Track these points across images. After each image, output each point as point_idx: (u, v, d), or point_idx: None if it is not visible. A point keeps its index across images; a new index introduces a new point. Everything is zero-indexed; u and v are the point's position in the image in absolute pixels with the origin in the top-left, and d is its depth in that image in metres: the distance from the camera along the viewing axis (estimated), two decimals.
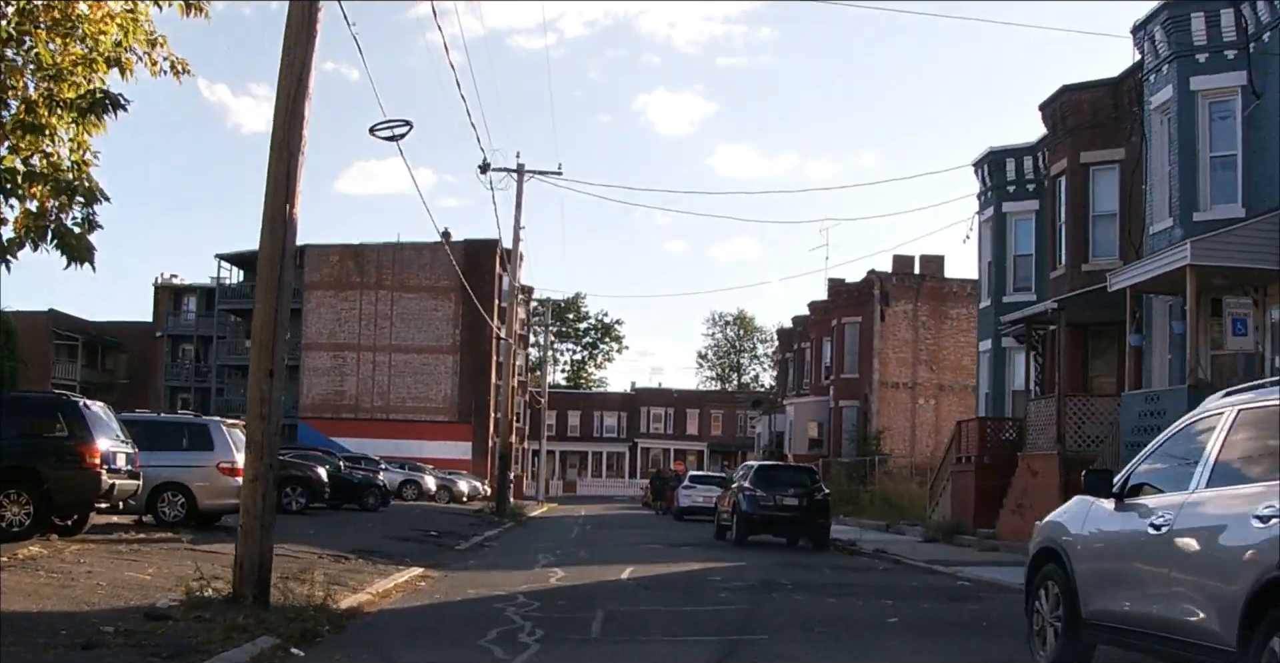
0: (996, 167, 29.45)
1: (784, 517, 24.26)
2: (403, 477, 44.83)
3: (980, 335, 30.04)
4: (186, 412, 21.47)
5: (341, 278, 64.73)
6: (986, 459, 25.65)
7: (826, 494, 24.96)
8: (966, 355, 45.32)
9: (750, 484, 24.43)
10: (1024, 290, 28.62)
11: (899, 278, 45.44)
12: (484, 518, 33.92)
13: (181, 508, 19.38)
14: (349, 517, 27.56)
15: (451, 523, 29.75)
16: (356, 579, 14.15)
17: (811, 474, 25.41)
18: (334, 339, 64.26)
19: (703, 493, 40.06)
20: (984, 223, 30.16)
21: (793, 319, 57.28)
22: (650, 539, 26.69)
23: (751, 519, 24.13)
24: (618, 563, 18.62)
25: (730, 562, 19.68)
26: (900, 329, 45.13)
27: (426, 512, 34.34)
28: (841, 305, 47.26)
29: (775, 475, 25.11)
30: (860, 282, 46.24)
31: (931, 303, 45.31)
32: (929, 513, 29.39)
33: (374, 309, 64.19)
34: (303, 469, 26.83)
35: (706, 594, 14.23)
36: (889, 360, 44.93)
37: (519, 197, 37.01)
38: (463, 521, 31.34)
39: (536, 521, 38.55)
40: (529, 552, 21.07)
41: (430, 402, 63.77)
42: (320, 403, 64.08)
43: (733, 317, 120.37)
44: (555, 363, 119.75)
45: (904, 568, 19.64)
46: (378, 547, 19.31)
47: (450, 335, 63.88)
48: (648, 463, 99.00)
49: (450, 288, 62.20)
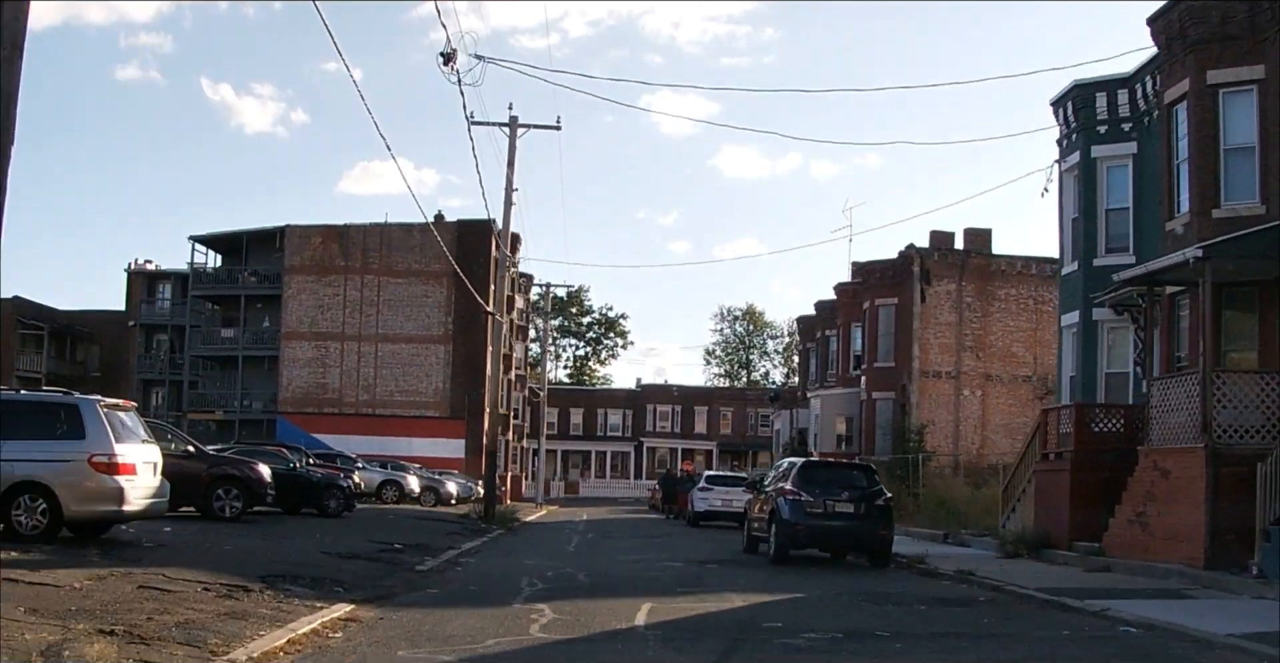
0: (1084, 103, 24.39)
1: (837, 528, 19.26)
2: (382, 477, 39.83)
3: (1064, 307, 24.96)
4: (54, 389, 16.14)
5: (325, 261, 59.72)
6: (1086, 456, 20.61)
7: (889, 498, 19.93)
8: (1017, 341, 40.34)
9: (794, 487, 19.41)
10: (1119, 251, 23.55)
11: (941, 254, 40.34)
12: (469, 524, 28.92)
13: (42, 516, 14.40)
14: (298, 525, 22.55)
15: (426, 531, 24.74)
16: (231, 631, 9.17)
17: (869, 474, 20.35)
18: (316, 328, 59.24)
19: (721, 496, 35.09)
20: (1066, 173, 25.11)
21: (815, 305, 52.17)
22: (665, 554, 21.69)
23: (796, 531, 19.12)
24: (629, 596, 13.60)
25: (781, 593, 14.63)
26: (942, 312, 40.06)
27: (401, 517, 29.33)
28: (874, 286, 42.16)
29: (824, 476, 20.08)
30: (896, 259, 41.17)
31: (977, 282, 40.23)
32: (1002, 521, 24.34)
33: (359, 295, 59.17)
34: (239, 467, 21.83)
35: (773, 658, 9.22)
36: (930, 347, 39.85)
37: (511, 154, 32.02)
38: (441, 528, 26.34)
39: (531, 527, 33.52)
40: (511, 574, 16.06)
41: (420, 396, 58.75)
42: (301, 397, 59.07)
43: (741, 311, 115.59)
44: (557, 359, 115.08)
45: (1016, 600, 14.58)
46: (308, 569, 14.34)
47: (442, 324, 58.85)
48: (653, 463, 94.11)
49: (442, 272, 57.21)
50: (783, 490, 19.59)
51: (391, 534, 22.52)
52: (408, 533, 23.55)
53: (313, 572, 14.13)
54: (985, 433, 39.66)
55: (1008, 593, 15.12)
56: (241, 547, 16.31)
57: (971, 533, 25.69)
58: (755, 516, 21.74)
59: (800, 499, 19.19)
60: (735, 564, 19.36)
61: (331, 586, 13.29)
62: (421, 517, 30.48)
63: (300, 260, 59.77)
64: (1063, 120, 25.30)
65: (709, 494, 35.12)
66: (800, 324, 56.45)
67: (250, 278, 61.45)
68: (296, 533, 20.19)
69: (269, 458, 26.00)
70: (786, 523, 19.16)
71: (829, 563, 20.28)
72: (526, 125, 32.59)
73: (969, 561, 20.26)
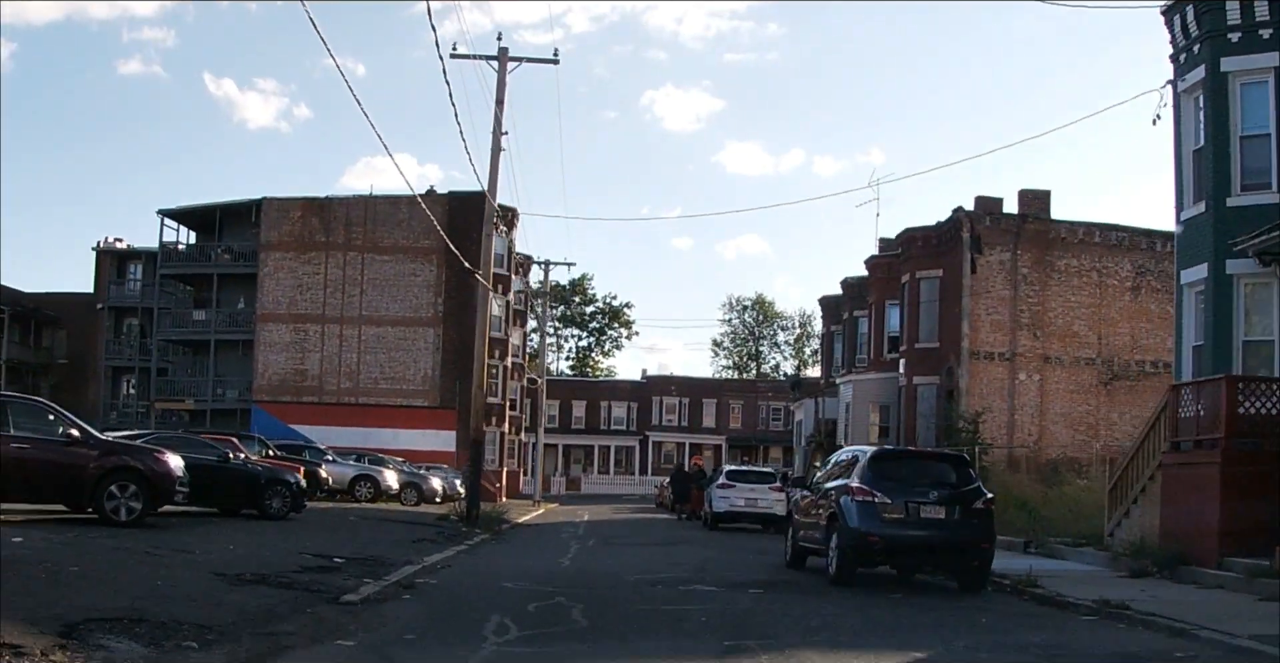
0: (1209, 6, 19.45)
1: (923, 540, 14.37)
2: (355, 472, 34.94)
3: (1183, 261, 20.00)
4: None
5: (304, 237, 54.75)
6: (1242, 443, 15.70)
7: (990, 500, 15.01)
8: (1078, 319, 35.43)
9: (864, 484, 14.51)
10: (1258, 189, 18.64)
11: (993, 219, 35.35)
12: (446, 528, 24.06)
13: None
14: (218, 531, 17.70)
15: (387, 538, 19.89)
16: None
17: (962, 466, 15.39)
18: (294, 309, 54.29)
19: (744, 494, 30.26)
20: (1184, 94, 20.18)
21: (841, 283, 47.14)
22: (688, 570, 16.83)
23: (868, 544, 14.23)
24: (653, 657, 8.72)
25: (885, 648, 9.68)
26: (995, 284, 35.07)
27: (365, 520, 24.46)
28: (915, 256, 37.18)
29: (904, 470, 15.15)
30: (942, 224, 36.18)
31: (1034, 251, 35.23)
32: (1109, 527, 19.40)
33: (341, 274, 54.21)
34: (139, 457, 16.93)
35: None
36: (981, 325, 34.87)
37: (500, 91, 27.13)
38: (409, 533, 21.46)
39: (522, 530, 28.67)
40: (478, 608, 11.21)
41: (407, 384, 53.81)
42: (278, 384, 54.16)
43: (750, 300, 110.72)
44: (559, 350, 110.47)
45: (1236, 655, 9.67)
46: (167, 606, 9.50)
47: (431, 305, 53.92)
48: (659, 458, 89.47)
49: (432, 248, 52.33)
50: (849, 489, 14.68)
51: (338, 543, 17.68)
52: (362, 541, 18.70)
53: (170, 612, 9.26)
54: (1044, 423, 34.77)
55: (1216, 647, 10.19)
56: (96, 569, 11.44)
57: (1062, 541, 20.81)
58: (805, 521, 16.84)
59: (873, 502, 14.29)
60: (786, 588, 14.46)
61: (183, 638, 8.45)
62: (390, 519, 25.59)
63: (278, 236, 54.81)
64: (1179, 30, 20.33)
65: (730, 492, 30.24)
66: (824, 307, 51.42)
67: (224, 255, 56.55)
68: (203, 544, 15.31)
69: (196, 447, 21.21)
70: (855, 533, 14.26)
71: (899, 584, 15.38)
72: (518, 59, 27.78)
73: (1087, 581, 15.43)
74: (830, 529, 15.00)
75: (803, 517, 17.19)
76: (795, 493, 20.75)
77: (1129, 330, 35.30)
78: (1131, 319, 35.37)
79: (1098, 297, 35.41)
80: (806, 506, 17.10)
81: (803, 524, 17.05)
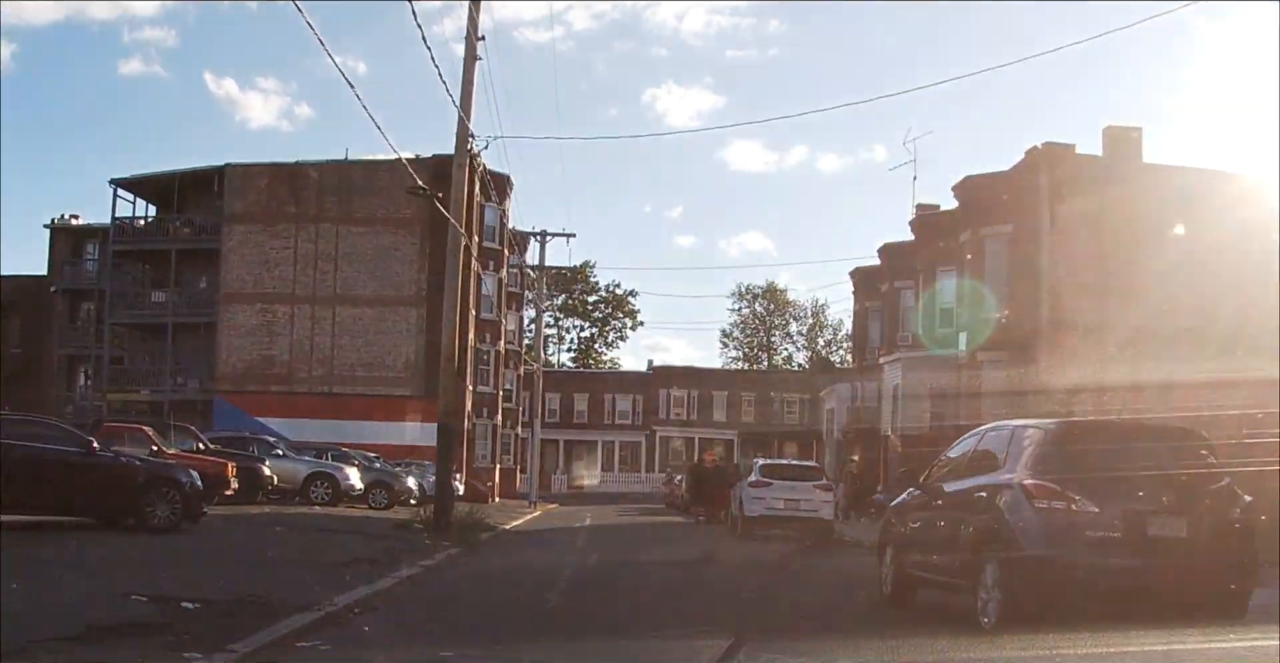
0: None
1: (1154, 572, 8.49)
2: (309, 469, 29.07)
3: None
4: None
5: (272, 208, 48.82)
6: None
7: (1249, 505, 9.10)
8: (1176, 283, 29.44)
9: (1044, 479, 8.65)
10: None
11: (1074, 162, 29.42)
12: (405, 540, 18.21)
13: None
14: (40, 550, 11.87)
15: (306, 559, 14.01)
16: None
17: (1198, 448, 9.46)
18: (261, 288, 48.38)
19: (783, 494, 24.38)
20: None
21: (880, 251, 41.14)
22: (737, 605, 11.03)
23: (1063, 578, 8.36)
24: None
25: None
26: (1076, 241, 29.19)
27: (294, 530, 18.54)
28: (977, 212, 31.26)
29: (1111, 455, 9.21)
30: (1013, 169, 30.28)
31: (1125, 203, 29.35)
32: None
33: (313, 248, 48.28)
34: None
35: None
36: (1061, 289, 29.02)
37: None
38: (346, 551, 15.52)
39: (506, 541, 22.82)
40: None
41: (387, 371, 47.90)
42: (243, 373, 48.26)
43: (761, 289, 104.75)
44: (560, 341, 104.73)
45: None
46: None
47: (414, 282, 47.99)
48: (667, 454, 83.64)
49: (414, 218, 46.43)
50: (1021, 489, 8.82)
51: (220, 572, 11.85)
52: (262, 567, 12.85)
53: None
54: (1137, 407, 28.78)
55: None
56: None
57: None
58: (918, 537, 11.00)
59: (1069, 510, 8.44)
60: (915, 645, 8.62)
61: None
62: (332, 528, 19.66)
63: (243, 206, 48.88)
64: None
65: (766, 492, 24.29)
66: (856, 280, 45.41)
67: (183, 229, 50.67)
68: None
69: (47, 436, 15.44)
70: (1038, 563, 8.42)
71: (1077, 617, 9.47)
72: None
73: None
74: (980, 553, 9.16)
75: (911, 530, 11.35)
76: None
77: (1238, 297, 29.36)
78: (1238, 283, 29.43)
79: (1192, 254, 29.51)
80: (918, 513, 11.27)
81: (913, 542, 11.21)
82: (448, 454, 20.49)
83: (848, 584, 13.81)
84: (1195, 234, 29.75)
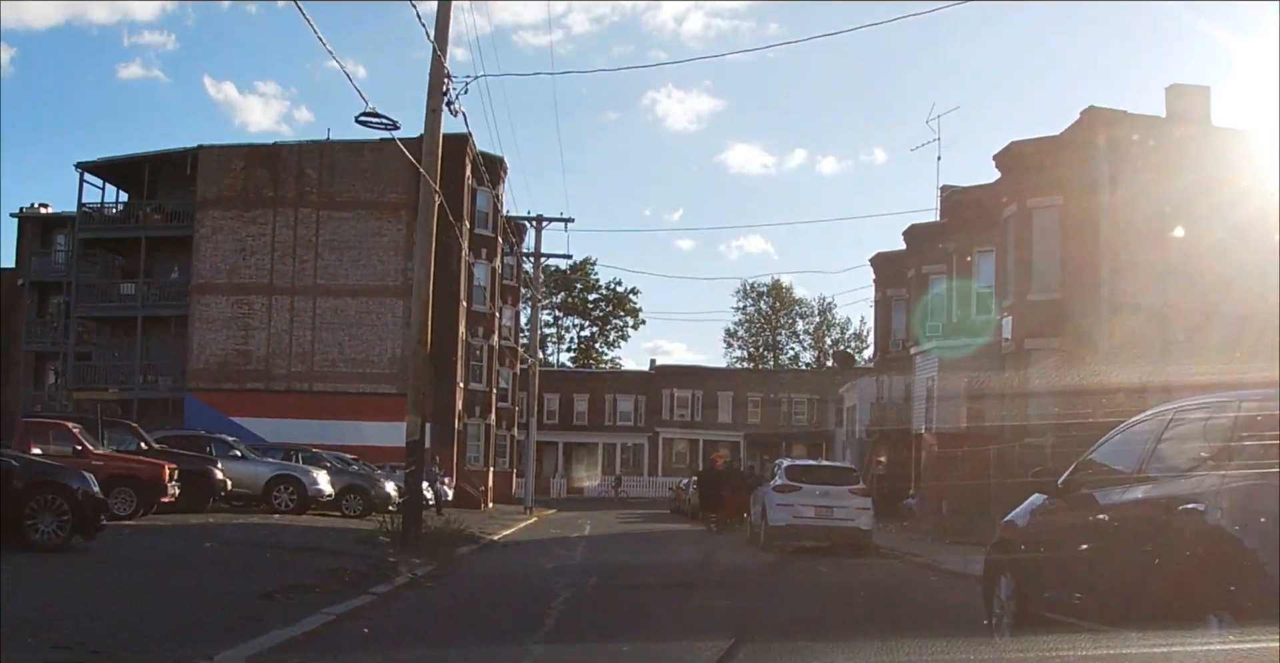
0: None
1: None
2: (272, 472, 25.70)
3: None
4: None
5: (248, 192, 45.52)
6: None
7: None
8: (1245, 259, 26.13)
9: None
10: None
11: (1134, 124, 26.10)
12: (364, 556, 14.85)
13: None
14: None
15: (216, 590, 10.62)
16: None
17: None
18: (236, 278, 45.08)
19: (813, 500, 21.00)
20: None
21: (904, 233, 37.73)
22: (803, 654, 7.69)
23: None
24: None
25: None
26: (1136, 214, 25.86)
27: (227, 545, 15.19)
28: (1025, 182, 27.86)
29: None
30: (1065, 133, 26.91)
31: (1191, 170, 26.03)
32: None
33: (292, 234, 44.98)
34: None
35: None
36: (1122, 267, 25.68)
37: None
38: (279, 574, 12.11)
39: (490, 557, 19.45)
40: None
41: (371, 367, 44.57)
42: (217, 369, 44.91)
43: (766, 286, 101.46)
44: (560, 340, 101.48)
45: None
46: None
47: (400, 271, 44.54)
48: (670, 457, 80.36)
49: (400, 203, 43.16)
50: None
51: (80, 613, 8.51)
52: (148, 594, 9.51)
53: None
54: None
55: None
56: None
57: None
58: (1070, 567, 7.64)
59: None
60: None
61: None
62: (278, 543, 16.26)
63: (218, 191, 45.56)
64: None
65: (794, 498, 20.84)
66: (877, 267, 41.96)
67: (153, 216, 47.32)
68: None
69: None
70: None
71: None
72: None
73: None
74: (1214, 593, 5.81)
75: (1054, 555, 8.00)
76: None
77: None
78: None
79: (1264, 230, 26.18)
80: (1068, 534, 7.93)
81: (1060, 572, 7.87)
82: (420, 456, 17.07)
83: (919, 610, 10.51)
84: (1260, 206, 26.40)
